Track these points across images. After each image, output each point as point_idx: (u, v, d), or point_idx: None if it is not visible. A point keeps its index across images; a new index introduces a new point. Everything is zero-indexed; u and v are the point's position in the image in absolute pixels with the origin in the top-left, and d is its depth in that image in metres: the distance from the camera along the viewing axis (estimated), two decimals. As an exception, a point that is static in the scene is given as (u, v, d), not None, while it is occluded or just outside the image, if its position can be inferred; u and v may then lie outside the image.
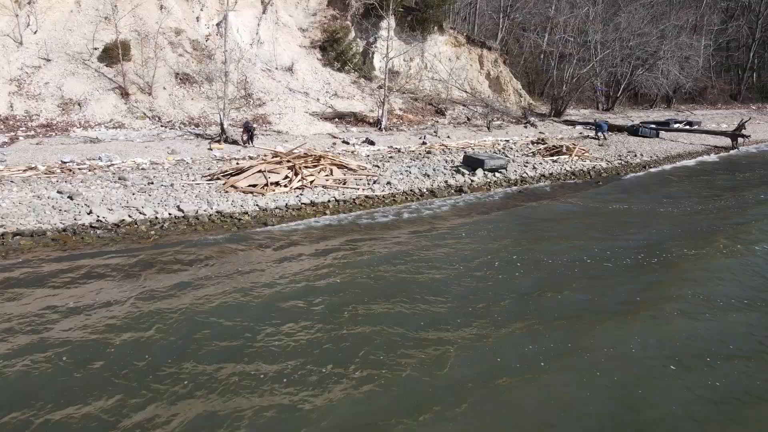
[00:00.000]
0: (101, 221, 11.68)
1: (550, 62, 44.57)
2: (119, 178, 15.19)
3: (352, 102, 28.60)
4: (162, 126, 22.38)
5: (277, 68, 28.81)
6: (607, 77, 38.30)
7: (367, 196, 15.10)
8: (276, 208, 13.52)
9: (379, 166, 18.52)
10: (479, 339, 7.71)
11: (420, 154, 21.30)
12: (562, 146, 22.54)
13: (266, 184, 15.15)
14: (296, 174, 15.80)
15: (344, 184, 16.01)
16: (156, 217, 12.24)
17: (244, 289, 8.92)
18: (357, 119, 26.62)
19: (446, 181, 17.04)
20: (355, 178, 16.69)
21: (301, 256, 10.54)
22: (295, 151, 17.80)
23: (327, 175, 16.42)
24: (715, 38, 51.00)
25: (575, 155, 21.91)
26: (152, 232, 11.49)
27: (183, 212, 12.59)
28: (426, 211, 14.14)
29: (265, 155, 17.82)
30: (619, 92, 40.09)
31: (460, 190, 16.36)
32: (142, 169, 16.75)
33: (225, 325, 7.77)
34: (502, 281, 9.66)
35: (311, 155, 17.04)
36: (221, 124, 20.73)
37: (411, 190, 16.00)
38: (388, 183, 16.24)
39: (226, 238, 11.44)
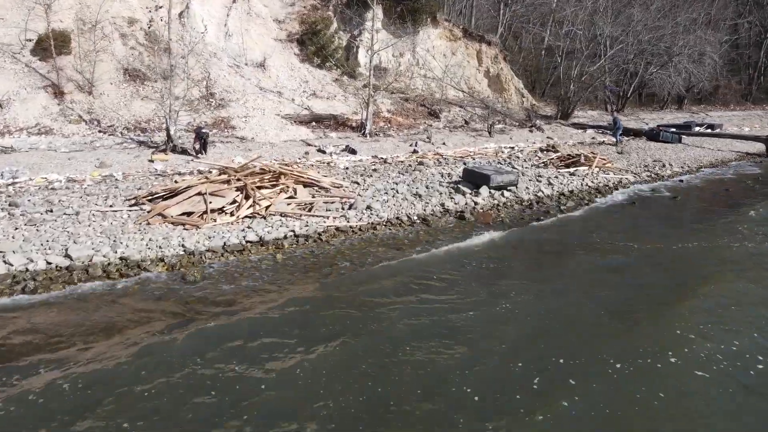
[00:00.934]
0: (-65, 279, 7.92)
1: (552, 59, 41.09)
2: (10, 204, 11.42)
3: (333, 103, 24.89)
4: (100, 131, 18.59)
5: (246, 64, 25.09)
6: (618, 75, 34.76)
7: (338, 228, 11.38)
8: (209, 250, 9.76)
9: (358, 183, 14.83)
10: None
11: (410, 165, 17.62)
12: (579, 155, 18.91)
13: (205, 212, 11.42)
14: (247, 197, 12.08)
15: (310, 209, 12.29)
16: (26, 269, 8.47)
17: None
18: (338, 123, 22.91)
19: (443, 204, 13.36)
20: (326, 200, 12.98)
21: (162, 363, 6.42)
22: (254, 163, 14.06)
23: (289, 198, 12.71)
24: (729, 34, 47.61)
25: (596, 166, 18.32)
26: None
27: (71, 259, 8.83)
28: (414, 255, 10.30)
29: (210, 172, 14.10)
30: (629, 92, 36.56)
31: (461, 216, 12.65)
32: (52, 188, 12.95)
33: None
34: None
35: (270, 171, 13.30)
36: (167, 130, 16.96)
37: (397, 218, 12.28)
38: (368, 208, 12.55)
39: (80, 299, 7.71)
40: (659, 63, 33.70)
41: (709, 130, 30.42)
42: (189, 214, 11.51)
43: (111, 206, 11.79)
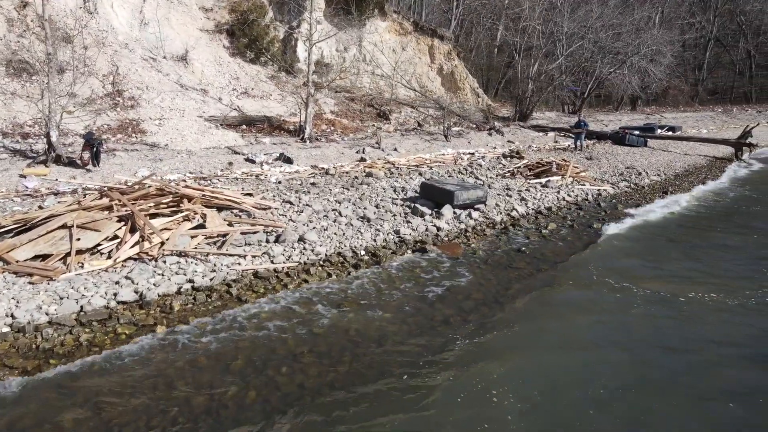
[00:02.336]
0: None
1: (505, 57, 39.27)
2: None
3: (268, 103, 21.69)
4: (-34, 138, 14.76)
5: (165, 57, 21.55)
6: (577, 74, 33.04)
7: (257, 274, 8.32)
8: (53, 322, 6.50)
9: (292, 202, 11.81)
10: None
11: (356, 177, 14.71)
12: (550, 163, 16.53)
13: (68, 254, 8.14)
14: (132, 230, 8.85)
15: (222, 244, 9.18)
16: None
17: None
18: (272, 126, 19.73)
19: (397, 231, 10.51)
20: (245, 230, 9.89)
21: None
22: (148, 182, 10.82)
23: (195, 228, 9.55)
24: (680, 34, 47.25)
25: (570, 176, 15.98)
26: None
27: None
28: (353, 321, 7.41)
29: (83, 196, 10.75)
30: (586, 92, 34.97)
31: (422, 248, 9.84)
32: None
33: None
34: None
35: (170, 192, 10.09)
36: (48, 136, 13.36)
37: (339, 254, 9.33)
38: (301, 239, 9.56)
39: None
40: (617, 62, 32.17)
41: (670, 133, 29.05)
42: (46, 257, 8.21)
43: (-69, 247, 8.31)
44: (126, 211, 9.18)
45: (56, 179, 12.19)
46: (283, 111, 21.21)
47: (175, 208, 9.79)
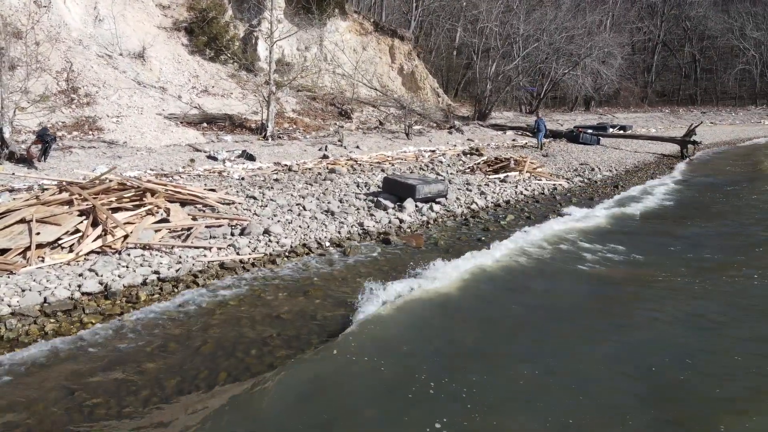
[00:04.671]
0: None
1: (464, 58, 40.08)
2: None
3: (229, 101, 21.57)
4: None
5: (121, 54, 21.14)
6: (534, 75, 34.04)
7: (223, 265, 8.41)
8: (15, 313, 6.43)
9: (256, 198, 11.89)
10: None
11: (319, 174, 14.87)
12: (508, 159, 17.08)
13: (28, 248, 8.03)
14: (94, 223, 8.79)
15: (186, 237, 9.20)
16: None
17: None
18: (234, 124, 19.66)
19: (361, 224, 10.74)
20: (210, 223, 9.92)
21: None
22: (109, 176, 10.72)
23: (159, 222, 9.53)
24: (630, 38, 49.17)
25: (527, 171, 16.54)
26: None
27: None
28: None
29: (41, 190, 10.58)
30: (542, 93, 36.05)
31: (385, 240, 10.09)
32: None
33: None
34: None
35: (132, 186, 10.03)
36: (0, 132, 13.00)
37: (305, 245, 9.50)
38: (266, 232, 9.67)
39: None
40: (571, 63, 33.30)
41: (622, 132, 30.27)
42: (4, 251, 8.07)
43: None
44: (87, 205, 9.09)
45: (12, 173, 11.89)
46: (244, 109, 21.14)
47: (137, 203, 9.74)
